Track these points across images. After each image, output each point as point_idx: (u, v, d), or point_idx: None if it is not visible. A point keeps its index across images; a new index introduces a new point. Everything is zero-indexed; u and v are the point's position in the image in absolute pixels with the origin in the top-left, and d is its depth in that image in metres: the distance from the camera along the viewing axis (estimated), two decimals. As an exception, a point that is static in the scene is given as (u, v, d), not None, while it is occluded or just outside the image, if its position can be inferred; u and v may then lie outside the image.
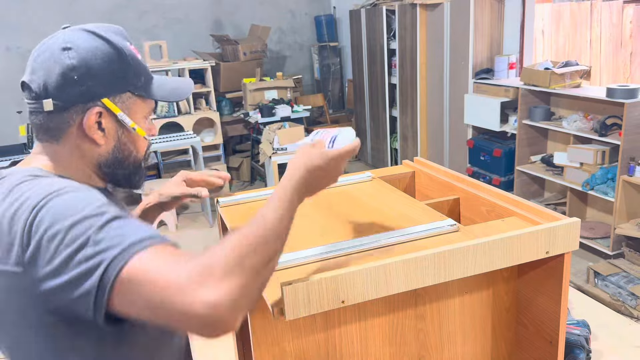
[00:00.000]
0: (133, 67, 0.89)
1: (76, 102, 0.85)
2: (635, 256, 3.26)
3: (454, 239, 0.96)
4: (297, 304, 0.78)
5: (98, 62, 0.85)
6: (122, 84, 0.88)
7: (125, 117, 0.89)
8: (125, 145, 0.91)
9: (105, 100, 0.87)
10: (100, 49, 0.86)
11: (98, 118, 0.86)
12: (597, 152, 3.42)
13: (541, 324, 1.02)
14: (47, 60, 0.85)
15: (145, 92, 0.91)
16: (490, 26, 4.22)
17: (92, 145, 0.88)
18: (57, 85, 0.84)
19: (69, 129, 0.87)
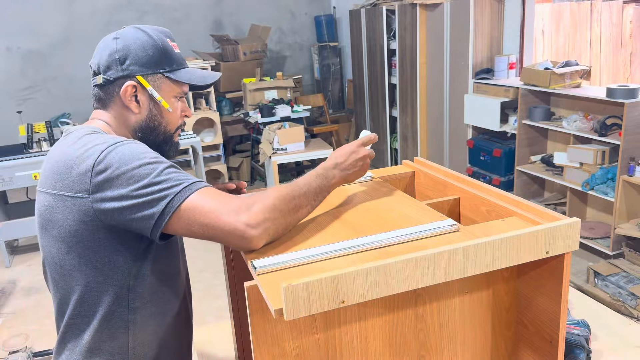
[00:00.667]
0: (166, 55, 1.12)
1: (118, 77, 1.10)
2: (635, 256, 3.26)
3: (454, 239, 0.96)
4: (297, 304, 0.78)
5: (137, 47, 1.10)
6: (155, 66, 1.11)
7: (154, 91, 1.12)
8: (156, 116, 1.14)
9: (139, 77, 1.10)
10: (140, 39, 1.10)
11: (134, 92, 1.10)
12: (597, 152, 3.42)
13: (541, 324, 1.02)
14: (102, 47, 1.12)
15: (174, 75, 1.13)
16: (490, 26, 4.22)
17: (130, 113, 1.12)
18: (106, 64, 1.10)
19: (114, 98, 1.12)
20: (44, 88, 5.89)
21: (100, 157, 0.98)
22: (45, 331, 3.17)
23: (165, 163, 1.00)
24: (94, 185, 0.97)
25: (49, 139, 4.24)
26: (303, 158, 4.92)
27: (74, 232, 1.01)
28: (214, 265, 3.90)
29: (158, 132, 1.15)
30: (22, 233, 4.19)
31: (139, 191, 0.95)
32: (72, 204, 1.00)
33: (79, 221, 1.00)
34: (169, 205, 0.95)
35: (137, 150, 1.00)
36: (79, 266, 1.04)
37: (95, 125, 1.11)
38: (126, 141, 1.02)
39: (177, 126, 1.18)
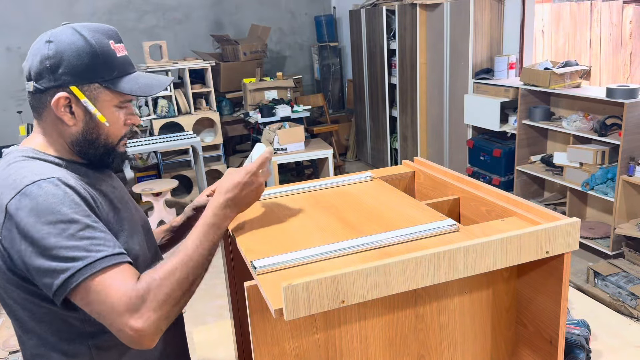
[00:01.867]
0: (105, 63, 1.01)
1: (49, 86, 1.00)
2: (635, 256, 3.26)
3: (454, 239, 0.96)
4: (297, 304, 0.78)
5: (71, 55, 0.99)
6: (91, 76, 1.01)
7: (88, 103, 1.02)
8: (94, 129, 1.04)
9: (73, 87, 1.00)
10: (76, 44, 1.00)
11: (68, 102, 1.01)
12: (596, 152, 3.42)
13: (541, 323, 1.02)
14: (34, 50, 1.02)
15: (113, 84, 1.03)
16: (490, 26, 4.22)
17: (64, 125, 1.03)
18: (37, 71, 1.00)
19: (46, 108, 1.02)
20: (44, 88, 5.88)
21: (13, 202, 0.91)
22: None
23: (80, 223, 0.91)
24: (4, 229, 0.92)
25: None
26: (303, 158, 4.92)
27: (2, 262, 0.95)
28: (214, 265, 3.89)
29: (97, 145, 1.05)
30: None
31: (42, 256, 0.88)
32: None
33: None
34: (68, 281, 0.88)
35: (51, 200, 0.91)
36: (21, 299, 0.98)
37: (30, 147, 1.04)
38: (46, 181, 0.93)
39: (121, 136, 1.08)
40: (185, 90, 5.38)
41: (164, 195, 4.58)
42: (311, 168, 5.69)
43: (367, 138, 6.03)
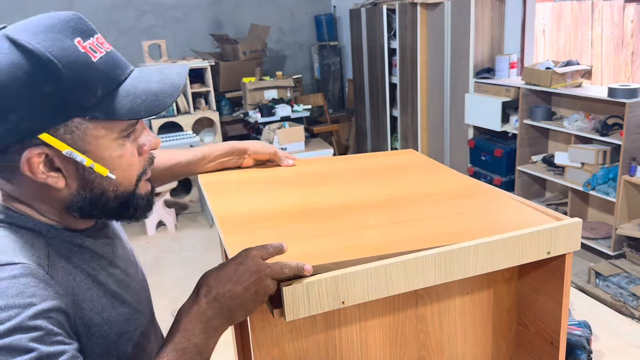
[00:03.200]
0: (74, 80, 0.65)
1: (7, 142, 0.66)
2: (636, 257, 3.25)
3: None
4: (297, 304, 0.78)
5: (20, 86, 0.63)
6: (62, 110, 0.66)
7: (74, 154, 0.68)
8: (94, 182, 0.72)
9: (45, 135, 0.66)
10: (22, 67, 0.63)
11: (44, 158, 0.68)
12: (598, 152, 3.41)
13: (542, 324, 1.02)
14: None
15: (102, 112, 0.68)
16: (491, 25, 4.21)
17: (49, 189, 0.71)
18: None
19: (14, 174, 0.69)
20: (44, 88, 5.88)
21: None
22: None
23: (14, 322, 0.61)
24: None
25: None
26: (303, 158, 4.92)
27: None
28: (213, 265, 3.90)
29: (107, 200, 0.74)
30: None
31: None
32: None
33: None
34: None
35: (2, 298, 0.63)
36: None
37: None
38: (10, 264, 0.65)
39: (138, 175, 0.77)
40: (185, 90, 5.38)
41: (163, 195, 4.58)
42: (311, 168, 5.68)
43: (368, 138, 6.03)
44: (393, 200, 1.07)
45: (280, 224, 0.97)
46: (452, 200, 1.08)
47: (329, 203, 1.06)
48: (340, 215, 1.01)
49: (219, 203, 1.06)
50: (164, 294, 3.38)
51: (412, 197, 1.10)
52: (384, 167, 1.29)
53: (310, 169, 1.30)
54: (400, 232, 0.95)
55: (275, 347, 0.91)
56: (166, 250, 4.26)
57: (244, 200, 1.09)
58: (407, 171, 1.27)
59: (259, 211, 1.03)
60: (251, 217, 1.00)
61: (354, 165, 1.34)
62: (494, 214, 1.01)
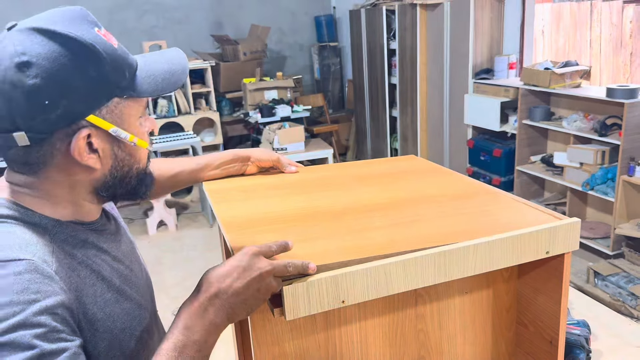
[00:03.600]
0: (112, 63, 0.71)
1: (55, 128, 0.69)
2: (635, 256, 3.25)
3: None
4: (297, 304, 0.78)
5: (68, 72, 0.67)
6: (105, 91, 0.71)
7: (119, 131, 0.74)
8: (125, 160, 0.77)
9: (92, 117, 0.70)
10: (65, 54, 0.67)
11: (87, 139, 0.71)
12: (597, 152, 3.42)
13: (541, 324, 1.02)
14: (3, 84, 0.66)
15: (134, 90, 0.74)
16: (490, 26, 4.22)
17: (85, 172, 0.74)
18: (26, 114, 0.67)
19: (53, 160, 0.71)
20: (44, 88, 5.89)
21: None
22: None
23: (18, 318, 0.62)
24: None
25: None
26: (303, 158, 4.92)
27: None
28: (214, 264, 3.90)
29: (130, 178, 0.80)
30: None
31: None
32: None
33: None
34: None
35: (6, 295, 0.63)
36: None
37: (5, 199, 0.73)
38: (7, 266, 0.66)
39: (148, 155, 0.84)
40: (185, 90, 5.38)
41: (164, 195, 4.58)
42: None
43: (367, 138, 6.03)
44: (396, 203, 1.08)
45: (284, 226, 0.98)
46: (453, 202, 1.08)
47: (333, 206, 1.07)
48: (344, 218, 1.01)
49: (223, 209, 1.07)
50: (165, 293, 3.39)
51: (415, 199, 1.10)
52: (387, 173, 1.29)
53: (313, 175, 1.31)
54: (404, 233, 0.95)
55: (276, 346, 0.91)
56: (167, 249, 4.27)
57: (248, 205, 1.09)
58: (410, 175, 1.27)
59: (264, 215, 1.03)
60: (256, 221, 1.01)
61: (357, 171, 1.34)
62: (493, 214, 1.02)
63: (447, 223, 0.98)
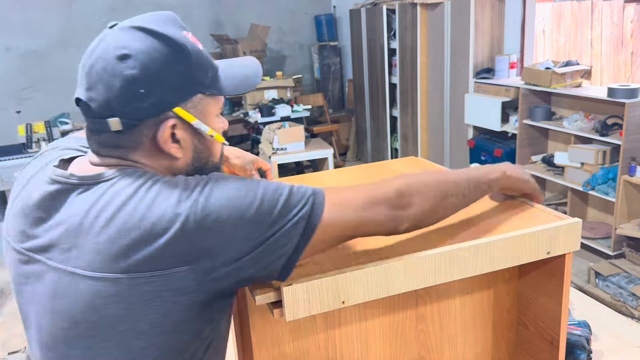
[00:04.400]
0: (198, 62, 0.79)
1: (146, 116, 0.76)
2: (636, 256, 3.25)
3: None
4: (297, 304, 0.78)
5: (161, 66, 0.75)
6: (191, 86, 0.78)
7: (201, 124, 0.80)
8: (202, 153, 0.83)
9: (178, 109, 0.77)
10: (160, 50, 0.76)
11: (172, 130, 0.78)
12: (598, 152, 3.41)
13: (542, 324, 1.02)
14: (103, 73, 0.75)
15: (216, 89, 0.81)
16: (490, 25, 4.22)
17: (167, 160, 0.80)
18: (122, 101, 0.75)
19: (141, 145, 0.78)
20: (43, 88, 5.89)
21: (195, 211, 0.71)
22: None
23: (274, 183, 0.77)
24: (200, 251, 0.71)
25: (48, 138, 4.24)
26: (303, 158, 4.92)
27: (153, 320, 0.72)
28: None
29: (206, 170, 0.83)
30: (21, 233, 4.19)
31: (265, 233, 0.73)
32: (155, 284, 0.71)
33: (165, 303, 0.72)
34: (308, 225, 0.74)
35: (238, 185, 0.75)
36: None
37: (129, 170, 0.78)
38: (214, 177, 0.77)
39: (222, 151, 0.89)
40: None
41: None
42: (311, 168, 5.68)
43: (368, 138, 6.03)
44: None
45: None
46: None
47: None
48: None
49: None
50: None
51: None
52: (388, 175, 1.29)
53: (313, 181, 1.31)
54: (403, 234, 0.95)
55: (276, 347, 0.91)
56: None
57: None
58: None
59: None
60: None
61: (356, 175, 1.34)
62: (494, 214, 1.01)
63: (447, 223, 0.98)
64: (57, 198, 0.78)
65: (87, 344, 0.75)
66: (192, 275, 0.71)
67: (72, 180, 0.78)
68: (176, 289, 0.71)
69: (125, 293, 0.71)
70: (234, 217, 0.72)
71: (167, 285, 0.71)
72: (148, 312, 0.72)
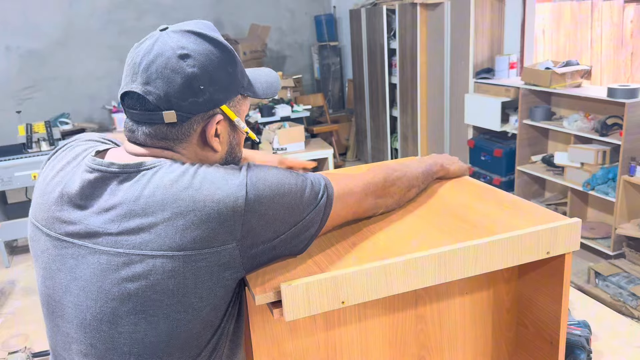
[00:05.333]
0: (240, 66, 0.89)
1: (199, 111, 0.84)
2: (636, 256, 3.25)
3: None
4: (297, 304, 0.78)
5: (215, 67, 0.84)
6: (235, 87, 0.88)
7: (240, 122, 0.89)
8: (235, 148, 0.93)
9: (224, 107, 0.86)
10: (214, 53, 0.85)
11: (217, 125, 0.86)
12: (597, 152, 3.41)
13: (542, 324, 1.02)
14: (164, 69, 0.82)
15: (251, 92, 0.91)
16: (490, 25, 4.22)
17: (208, 152, 0.88)
18: (181, 95, 0.82)
19: (189, 138, 0.86)
20: (44, 88, 5.89)
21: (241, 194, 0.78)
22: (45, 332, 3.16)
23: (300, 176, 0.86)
24: (246, 230, 0.78)
25: (48, 139, 4.24)
26: (303, 158, 4.92)
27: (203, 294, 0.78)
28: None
29: (232, 164, 0.91)
30: (21, 233, 4.19)
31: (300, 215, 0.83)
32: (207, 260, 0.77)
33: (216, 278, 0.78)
34: (324, 214, 0.86)
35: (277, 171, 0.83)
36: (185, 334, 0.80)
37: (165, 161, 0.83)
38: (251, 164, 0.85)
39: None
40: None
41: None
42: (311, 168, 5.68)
43: (367, 138, 6.03)
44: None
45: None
46: (454, 202, 1.08)
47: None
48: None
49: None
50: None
51: (415, 200, 1.10)
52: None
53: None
54: (403, 234, 0.95)
55: (275, 347, 0.91)
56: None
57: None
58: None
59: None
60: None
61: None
62: (494, 214, 1.01)
63: (447, 223, 0.98)
64: (97, 186, 0.82)
65: (134, 320, 0.79)
66: (238, 251, 0.79)
67: (112, 169, 0.82)
68: (224, 264, 0.78)
69: (181, 269, 0.76)
70: (276, 202, 0.80)
71: (218, 260, 0.78)
72: (198, 287, 0.78)
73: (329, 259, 0.88)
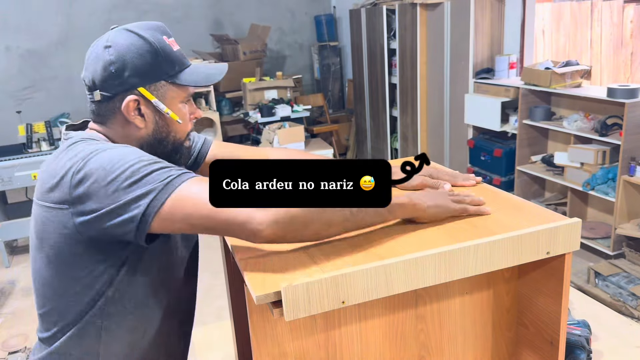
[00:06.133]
0: (165, 58, 1.02)
1: (117, 92, 1.01)
2: (636, 256, 3.25)
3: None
4: (297, 304, 0.78)
5: (133, 55, 1.00)
6: (156, 74, 1.02)
7: (159, 103, 1.03)
8: (163, 127, 1.06)
9: (141, 89, 1.01)
10: (135, 44, 1.00)
11: (137, 105, 1.02)
12: (597, 152, 3.41)
13: (542, 324, 1.02)
14: (93, 59, 1.02)
15: (177, 79, 1.04)
16: (490, 26, 4.22)
17: (134, 128, 1.04)
18: (101, 78, 1.01)
19: (115, 114, 1.04)
20: (44, 88, 5.89)
21: (80, 166, 0.93)
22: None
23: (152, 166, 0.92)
24: (75, 197, 0.92)
25: (48, 139, 4.23)
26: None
27: (54, 244, 0.98)
28: (213, 265, 3.90)
29: (167, 143, 1.07)
30: (21, 233, 4.19)
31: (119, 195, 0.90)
32: (54, 216, 0.96)
33: (59, 234, 0.96)
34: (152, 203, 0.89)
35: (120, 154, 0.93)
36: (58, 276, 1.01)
37: (92, 133, 1.05)
38: (113, 146, 0.97)
39: (187, 132, 1.11)
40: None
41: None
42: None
43: (367, 138, 6.03)
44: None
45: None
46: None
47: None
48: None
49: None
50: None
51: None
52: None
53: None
54: (403, 234, 0.95)
55: (275, 347, 0.91)
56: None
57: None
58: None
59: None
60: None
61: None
62: (494, 214, 1.01)
63: (447, 223, 0.98)
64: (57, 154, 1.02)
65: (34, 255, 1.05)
66: (70, 215, 0.94)
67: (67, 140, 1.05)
68: (61, 222, 0.96)
69: (41, 217, 0.99)
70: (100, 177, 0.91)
71: (56, 217, 0.96)
72: (50, 236, 0.98)
73: (329, 259, 0.88)
